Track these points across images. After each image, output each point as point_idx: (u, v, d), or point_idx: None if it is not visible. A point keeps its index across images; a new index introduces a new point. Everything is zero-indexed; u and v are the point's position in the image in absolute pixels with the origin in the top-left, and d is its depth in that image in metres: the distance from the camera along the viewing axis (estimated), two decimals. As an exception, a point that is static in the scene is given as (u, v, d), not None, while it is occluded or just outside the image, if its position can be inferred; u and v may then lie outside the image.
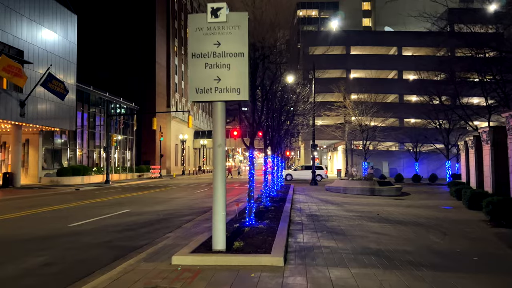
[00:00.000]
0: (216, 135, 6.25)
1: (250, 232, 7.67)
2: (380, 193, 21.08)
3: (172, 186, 30.52)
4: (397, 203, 16.47)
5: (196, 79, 6.35)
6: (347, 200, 17.25)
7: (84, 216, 12.43)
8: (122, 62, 51.28)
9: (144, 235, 9.16)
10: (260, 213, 10.62)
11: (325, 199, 17.25)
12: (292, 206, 13.88)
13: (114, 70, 50.56)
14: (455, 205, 15.79)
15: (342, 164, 49.00)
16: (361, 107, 32.04)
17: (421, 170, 44.60)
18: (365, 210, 13.28)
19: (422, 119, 45.08)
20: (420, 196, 20.99)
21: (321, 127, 44.78)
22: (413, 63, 46.74)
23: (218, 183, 6.27)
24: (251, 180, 8.66)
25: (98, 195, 21.25)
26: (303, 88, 23.82)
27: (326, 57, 49.07)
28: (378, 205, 15.30)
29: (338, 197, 18.88)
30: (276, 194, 17.06)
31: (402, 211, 13.13)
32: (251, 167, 8.64)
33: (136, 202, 17.70)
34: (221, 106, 6.38)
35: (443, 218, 11.52)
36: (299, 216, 11.36)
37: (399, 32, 50.20)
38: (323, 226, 9.49)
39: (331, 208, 13.71)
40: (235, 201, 15.17)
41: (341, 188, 22.68)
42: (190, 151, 71.38)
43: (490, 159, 14.66)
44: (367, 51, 51.09)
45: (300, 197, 18.30)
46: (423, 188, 26.73)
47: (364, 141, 32.39)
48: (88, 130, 40.19)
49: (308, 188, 25.90)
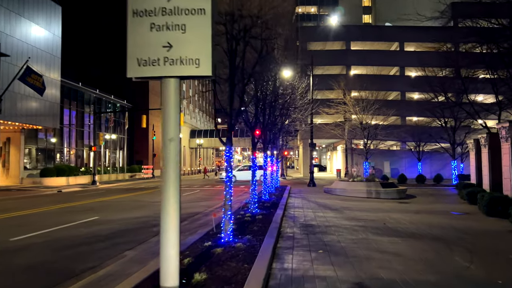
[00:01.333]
0: (167, 125, 4.45)
1: (222, 255, 5.84)
2: (383, 196, 19.31)
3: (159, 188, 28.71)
4: (404, 207, 14.67)
5: (138, 46, 4.54)
6: (348, 204, 15.45)
7: (41, 225, 10.61)
8: (115, 59, 49.17)
9: (97, 253, 7.36)
10: (244, 225, 8.81)
11: (323, 204, 15.45)
12: (285, 213, 12.07)
13: (107, 67, 48.56)
14: (469, 210, 14.01)
15: (342, 164, 47.21)
16: (362, 104, 30.26)
17: (423, 170, 42.84)
18: (368, 217, 11.47)
19: (425, 117, 43.33)
20: (427, 199, 19.21)
21: (320, 126, 42.98)
22: (415, 59, 44.88)
23: (168, 191, 4.50)
24: (227, 186, 6.86)
25: (77, 198, 19.42)
26: (300, 81, 22.02)
27: (326, 53, 47.24)
28: (383, 210, 13.50)
29: (337, 200, 17.08)
30: (268, 198, 15.25)
31: (411, 219, 11.34)
32: (229, 169, 6.86)
33: (113, 206, 15.90)
34: (174, 84, 4.56)
35: (462, 229, 9.72)
36: (292, 226, 9.54)
37: (401, 27, 48.22)
38: (319, 242, 7.67)
39: (330, 215, 11.90)
40: (216, 210, 13.35)
41: (341, 190, 20.87)
42: (186, 151, 69.52)
43: (511, 159, 12.88)
44: (368, 47, 49.19)
45: (295, 201, 16.49)
46: (429, 190, 24.94)
47: (365, 139, 30.60)
48: (76, 129, 38.36)
49: (305, 190, 24.11)
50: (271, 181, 19.89)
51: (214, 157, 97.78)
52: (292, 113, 20.25)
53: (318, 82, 29.45)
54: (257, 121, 10.87)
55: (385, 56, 47.54)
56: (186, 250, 6.30)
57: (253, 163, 11.09)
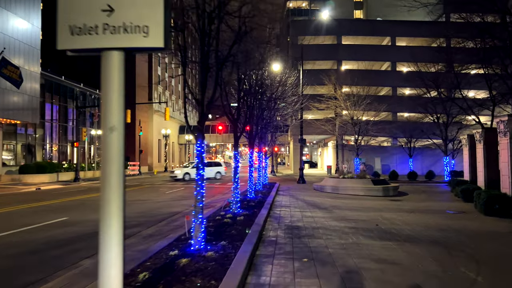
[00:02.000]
0: (108, 111, 3.46)
1: (187, 268, 4.93)
2: (375, 193, 18.57)
3: (146, 184, 27.70)
4: (397, 206, 13.91)
5: (71, 10, 3.54)
6: (338, 202, 14.64)
7: (1, 227, 9.60)
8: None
9: (49, 262, 6.41)
10: (222, 228, 7.91)
11: (311, 202, 14.61)
12: (270, 213, 11.20)
13: (94, 61, 47.13)
14: (465, 208, 13.30)
15: (333, 161, 46.58)
16: (353, 99, 29.49)
17: (415, 167, 42.35)
18: (359, 217, 10.66)
19: (417, 113, 42.80)
20: (420, 196, 18.51)
21: (311, 121, 42.23)
22: (407, 54, 44.29)
23: (109, 196, 3.50)
24: (199, 185, 5.95)
25: (54, 196, 18.34)
26: (290, 73, 21.15)
27: (317, 47, 46.38)
28: (375, 209, 12.71)
29: (327, 198, 16.28)
30: (254, 197, 14.36)
31: (405, 219, 10.55)
32: (200, 166, 5.95)
33: (88, 205, 14.89)
34: (118, 58, 3.58)
35: (462, 230, 8.95)
36: (275, 229, 8.67)
37: (393, 22, 47.63)
38: (304, 248, 6.80)
39: (318, 215, 11.06)
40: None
41: (331, 187, 20.10)
42: (175, 147, 68.35)
43: (509, 155, 12.17)
44: (359, 41, 48.44)
45: (283, 199, 15.63)
46: (421, 187, 24.31)
47: (356, 135, 29.86)
48: (59, 124, 37.04)
49: (294, 187, 23.28)
50: (258, 178, 19.02)
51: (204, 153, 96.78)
52: (281, 106, 19.37)
53: (309, 77, 28.64)
54: (239, 113, 9.96)
55: (376, 51, 46.89)
56: (147, 260, 5.40)
57: (236, 159, 10.18)
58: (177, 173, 30.86)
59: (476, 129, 19.73)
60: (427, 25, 48.04)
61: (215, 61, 6.26)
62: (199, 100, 5.96)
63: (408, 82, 43.23)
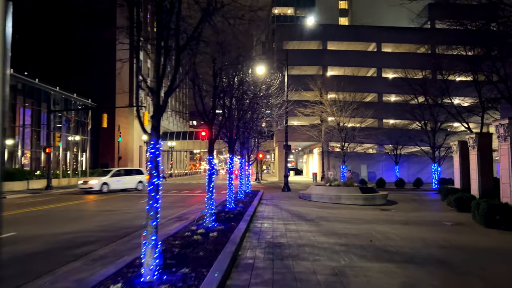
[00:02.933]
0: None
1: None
2: (363, 202, 17.51)
3: (120, 193, 26.06)
4: (388, 217, 12.81)
5: None
6: (325, 213, 13.47)
7: None
8: (80, 57, 45.97)
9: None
10: (188, 248, 6.59)
11: (297, 213, 13.40)
12: (250, 226, 9.92)
13: (72, 65, 45.36)
14: (461, 219, 12.29)
15: (318, 168, 45.60)
16: (339, 104, 28.60)
17: (401, 174, 41.71)
18: (350, 231, 9.48)
19: (403, 119, 42.25)
20: (410, 205, 17.52)
21: (297, 127, 41.23)
22: (393, 60, 43.90)
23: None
24: (152, 198, 4.67)
25: (16, 207, 16.66)
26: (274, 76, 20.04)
27: (302, 53, 45.64)
28: (366, 221, 11.57)
29: (313, 208, 15.10)
30: (233, 207, 13.07)
31: (401, 233, 9.42)
32: (154, 173, 4.69)
33: (48, 217, 13.37)
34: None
35: (465, 246, 7.86)
36: (254, 247, 7.39)
37: (378, 27, 47.26)
38: (287, 274, 5.55)
39: (304, 228, 9.83)
40: (161, 224, 11.19)
41: (317, 195, 18.94)
42: (157, 154, 66.46)
43: (510, 161, 11.23)
44: (345, 47, 47.87)
45: (265, 209, 14.37)
46: (409, 195, 23.40)
47: (342, 142, 28.91)
48: (32, 129, 35.11)
49: (278, 195, 22.05)
50: (240, 186, 17.74)
51: (187, 160, 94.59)
52: (265, 109, 18.20)
53: (294, 82, 27.55)
54: (214, 112, 8.71)
55: (362, 57, 46.36)
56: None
57: (210, 165, 8.91)
58: (92, 184, 25.21)
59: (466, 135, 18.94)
60: (412, 31, 47.82)
61: (176, 42, 5.02)
62: (154, 89, 4.71)
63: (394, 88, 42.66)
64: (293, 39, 46.25)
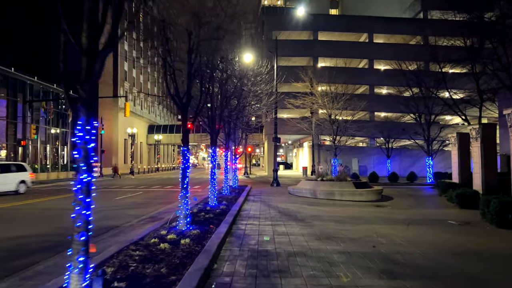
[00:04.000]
0: None
1: None
2: (357, 198, 16.32)
3: (99, 189, 24.51)
4: (387, 215, 11.59)
5: None
6: (318, 210, 12.20)
7: None
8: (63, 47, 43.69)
9: None
10: (150, 261, 5.22)
11: (286, 211, 12.10)
12: (232, 228, 8.58)
13: (53, 55, 43.15)
14: (467, 217, 11.13)
15: (309, 161, 44.44)
16: (330, 95, 27.35)
17: (393, 168, 40.80)
18: (348, 234, 8.21)
19: (396, 112, 41.23)
20: (408, 201, 16.40)
21: (287, 120, 39.96)
22: (386, 51, 42.81)
23: None
24: (81, 202, 3.30)
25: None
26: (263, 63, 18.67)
27: (292, 43, 44.18)
28: (364, 220, 10.33)
29: (305, 205, 13.82)
30: (216, 205, 11.71)
31: (406, 236, 8.19)
32: (81, 164, 3.31)
33: (5, 217, 11.88)
34: None
35: (484, 252, 6.65)
36: (234, 258, 6.05)
37: (370, 17, 46.01)
38: (274, 297, 4.24)
39: (295, 231, 8.53)
40: (131, 225, 9.82)
41: (308, 191, 17.70)
42: (143, 147, 64.65)
43: (524, 153, 10.09)
44: (336, 37, 46.57)
45: (252, 207, 13.04)
46: (404, 190, 22.31)
47: (333, 135, 27.67)
48: (7, 121, 33.15)
49: (267, 190, 20.73)
50: (226, 181, 16.37)
51: (175, 154, 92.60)
52: (252, 98, 16.82)
53: (284, 74, 26.09)
54: (189, 94, 7.30)
55: (353, 48, 45.11)
56: None
57: (184, 157, 7.52)
58: None
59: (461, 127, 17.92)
60: (405, 22, 46.79)
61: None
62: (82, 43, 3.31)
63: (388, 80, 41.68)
64: (283, 29, 44.77)
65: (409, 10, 50.75)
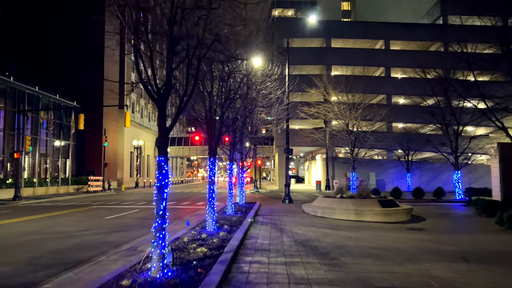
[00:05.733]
0: None
1: None
2: (384, 219, 13.91)
3: (96, 204, 22.38)
4: (432, 244, 9.12)
5: None
6: (343, 238, 9.77)
7: None
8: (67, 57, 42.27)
9: None
10: None
11: (303, 238, 9.70)
12: (231, 270, 6.21)
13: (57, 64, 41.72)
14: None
15: (322, 175, 41.89)
16: (347, 103, 25.03)
17: (413, 182, 38.17)
18: (396, 281, 5.81)
19: (416, 123, 38.65)
20: (444, 223, 13.91)
21: (299, 131, 37.70)
22: (405, 58, 40.51)
23: None
24: None
25: None
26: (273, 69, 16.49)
27: (304, 51, 42.09)
28: (406, 253, 7.89)
29: (325, 229, 11.41)
30: (214, 230, 9.37)
31: (476, 281, 5.76)
32: None
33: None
34: None
35: None
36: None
37: (386, 24, 43.84)
38: None
39: (320, 276, 6.13)
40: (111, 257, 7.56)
41: (327, 210, 15.27)
42: (150, 160, 62.71)
43: None
44: (350, 45, 44.41)
45: (260, 232, 10.66)
46: (433, 208, 19.70)
47: (351, 146, 25.18)
48: (4, 132, 31.49)
49: (279, 208, 18.28)
50: (230, 199, 14.01)
51: (184, 167, 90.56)
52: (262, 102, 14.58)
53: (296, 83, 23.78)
54: (168, 81, 5.06)
55: (369, 55, 42.80)
56: None
57: (160, 171, 5.25)
58: None
59: (490, 140, 15.41)
60: (424, 27, 44.44)
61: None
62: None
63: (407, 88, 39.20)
64: (294, 36, 42.75)
65: (427, 16, 48.44)
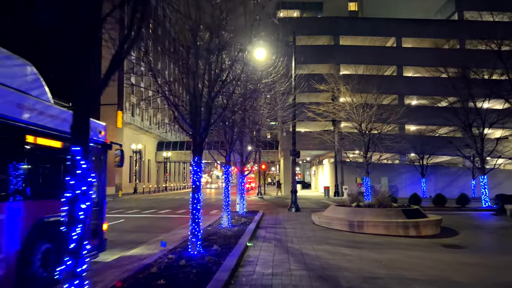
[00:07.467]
0: None
1: None
2: (410, 232, 11.60)
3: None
4: (484, 271, 6.78)
5: None
6: (369, 262, 7.43)
7: None
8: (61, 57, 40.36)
9: None
10: None
11: (317, 264, 7.37)
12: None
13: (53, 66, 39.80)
14: None
15: (330, 180, 39.52)
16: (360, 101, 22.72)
17: (427, 188, 35.71)
18: None
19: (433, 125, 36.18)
20: (481, 237, 11.60)
21: (305, 133, 35.42)
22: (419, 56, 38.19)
23: None
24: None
25: None
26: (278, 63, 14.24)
27: (311, 50, 39.83)
28: (454, 285, 5.57)
29: (343, 247, 9.06)
30: (198, 253, 7.06)
31: None
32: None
33: None
34: None
35: None
36: None
37: (398, 20, 41.46)
38: None
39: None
40: None
41: (342, 222, 12.92)
42: (151, 165, 60.64)
43: None
44: (360, 42, 42.10)
45: (261, 253, 8.33)
46: (459, 217, 17.28)
47: (364, 149, 22.77)
48: None
49: (284, 218, 15.90)
50: (226, 209, 11.69)
51: (187, 172, 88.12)
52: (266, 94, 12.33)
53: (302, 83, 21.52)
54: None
55: (380, 53, 40.47)
56: None
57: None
58: None
59: None
60: (438, 23, 42.04)
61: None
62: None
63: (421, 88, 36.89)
64: (301, 33, 40.54)
65: (440, 13, 46.04)
